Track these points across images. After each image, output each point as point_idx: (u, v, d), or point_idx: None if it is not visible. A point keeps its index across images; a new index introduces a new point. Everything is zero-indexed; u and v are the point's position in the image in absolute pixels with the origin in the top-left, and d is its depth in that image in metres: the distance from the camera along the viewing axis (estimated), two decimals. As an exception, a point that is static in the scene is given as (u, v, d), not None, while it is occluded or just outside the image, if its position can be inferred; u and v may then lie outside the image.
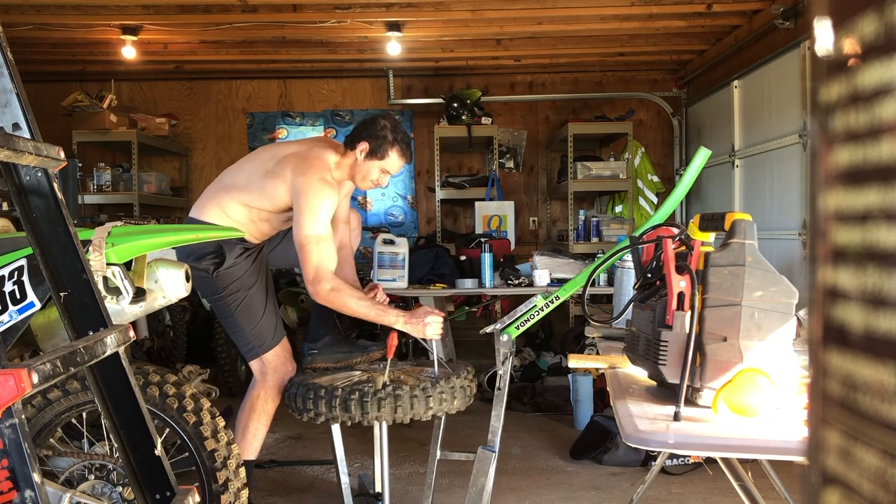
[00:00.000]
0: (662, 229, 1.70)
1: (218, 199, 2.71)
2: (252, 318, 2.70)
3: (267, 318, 2.73)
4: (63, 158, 1.47)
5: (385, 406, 2.26)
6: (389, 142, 2.68)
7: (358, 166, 2.71)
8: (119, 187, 6.16)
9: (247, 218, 2.68)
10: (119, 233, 1.89)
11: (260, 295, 2.72)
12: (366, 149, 2.68)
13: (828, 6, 0.34)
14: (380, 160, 2.69)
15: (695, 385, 1.35)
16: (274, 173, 2.62)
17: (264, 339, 2.71)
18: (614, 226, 6.02)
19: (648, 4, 4.79)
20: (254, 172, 2.67)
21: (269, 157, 2.71)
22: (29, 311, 1.73)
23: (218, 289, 2.67)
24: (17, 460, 1.15)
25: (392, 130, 2.70)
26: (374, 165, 2.70)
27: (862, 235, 0.33)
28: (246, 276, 2.68)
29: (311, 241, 2.49)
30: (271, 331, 2.73)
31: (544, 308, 2.28)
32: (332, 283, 2.49)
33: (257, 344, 2.70)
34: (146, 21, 5.05)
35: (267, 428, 2.74)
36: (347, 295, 2.50)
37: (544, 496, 3.17)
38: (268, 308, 2.74)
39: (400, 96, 6.67)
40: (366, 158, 2.69)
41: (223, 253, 2.63)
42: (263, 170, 2.65)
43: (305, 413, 2.36)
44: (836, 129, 0.34)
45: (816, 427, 0.36)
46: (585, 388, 4.14)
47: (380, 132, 2.68)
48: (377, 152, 2.68)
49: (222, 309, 2.71)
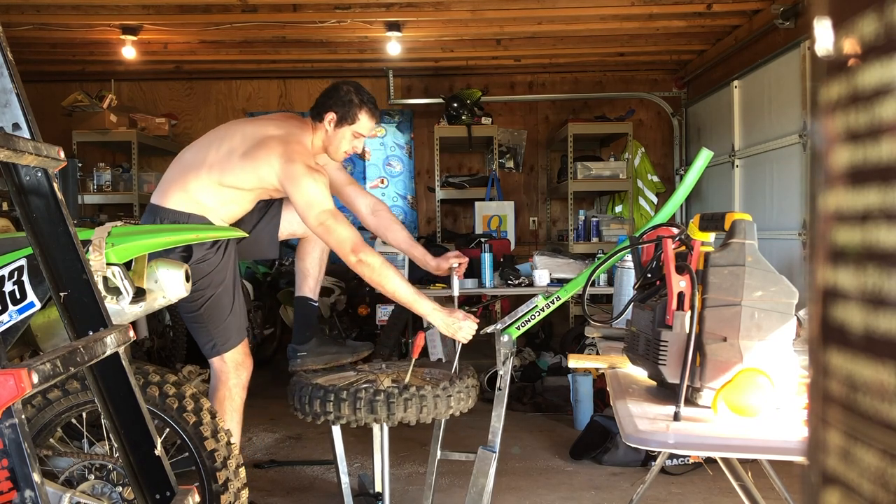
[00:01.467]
0: (662, 229, 1.70)
1: (183, 180, 2.58)
2: (219, 316, 2.61)
3: (233, 316, 2.64)
4: (63, 158, 1.47)
5: (411, 407, 2.26)
6: (356, 104, 2.64)
7: (329, 137, 2.68)
8: (119, 187, 6.16)
9: (216, 199, 2.58)
10: (119, 233, 1.89)
11: (228, 293, 2.63)
12: (333, 118, 2.65)
13: (828, 6, 0.34)
14: (350, 125, 2.66)
15: (695, 385, 1.35)
16: (254, 156, 2.54)
17: (229, 337, 2.63)
18: (614, 226, 6.02)
19: (648, 4, 4.79)
20: (232, 152, 2.57)
21: (244, 136, 2.61)
22: (29, 311, 1.73)
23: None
24: (17, 460, 1.15)
25: (356, 93, 2.66)
26: (345, 132, 2.67)
27: (862, 235, 0.33)
28: (215, 273, 2.59)
29: (326, 216, 2.44)
30: (236, 329, 2.65)
31: (545, 309, 2.28)
32: (374, 253, 2.44)
33: (221, 342, 2.62)
34: (146, 21, 5.05)
35: (240, 424, 2.68)
36: (392, 271, 2.45)
37: (544, 496, 3.17)
38: (235, 306, 2.65)
39: (400, 96, 6.67)
40: (336, 127, 2.66)
41: (190, 246, 2.52)
42: (241, 151, 2.56)
43: (324, 416, 2.30)
44: (836, 129, 0.34)
45: (816, 427, 0.36)
46: (585, 388, 4.14)
47: (344, 97, 2.64)
48: (347, 118, 2.64)
49: (186, 305, 2.58)
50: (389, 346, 4.92)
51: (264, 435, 4.10)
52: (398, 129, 6.97)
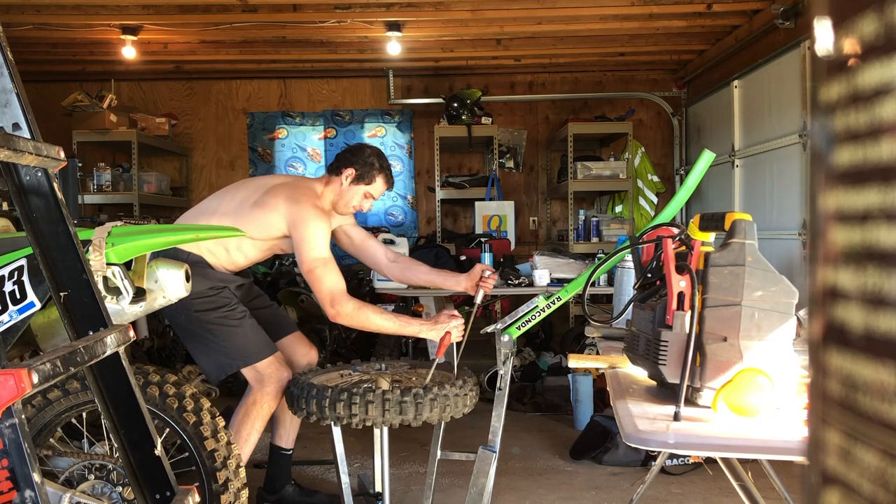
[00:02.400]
0: (662, 229, 1.70)
1: (195, 222, 2.72)
2: (234, 337, 2.66)
3: (251, 333, 2.68)
4: (63, 158, 1.47)
5: (436, 407, 2.27)
6: (377, 168, 2.82)
7: (342, 192, 2.82)
8: (119, 187, 6.16)
9: (220, 245, 2.70)
10: (119, 233, 1.88)
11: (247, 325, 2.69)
12: (352, 174, 2.80)
13: (828, 6, 0.34)
14: (366, 185, 2.82)
15: (695, 385, 1.35)
16: (263, 203, 2.67)
17: (251, 352, 2.66)
18: (614, 226, 6.02)
19: (648, 4, 4.79)
20: (243, 202, 2.71)
21: (255, 188, 2.76)
22: (29, 311, 1.73)
23: (193, 307, 2.60)
24: (17, 460, 1.15)
25: (378, 158, 2.85)
26: (358, 190, 2.82)
27: (862, 235, 0.33)
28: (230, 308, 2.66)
29: (317, 264, 2.55)
30: (261, 345, 2.69)
31: (546, 309, 2.28)
32: (351, 301, 2.55)
33: (239, 357, 2.66)
34: (146, 21, 5.05)
35: (260, 433, 2.73)
36: (370, 311, 2.56)
37: (544, 496, 3.17)
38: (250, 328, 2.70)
39: (400, 96, 6.67)
40: (351, 183, 2.81)
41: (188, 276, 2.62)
42: (252, 200, 2.70)
43: (349, 419, 2.25)
44: (836, 129, 0.34)
45: (816, 427, 0.36)
46: (585, 388, 4.14)
47: (367, 159, 2.82)
48: (364, 177, 2.81)
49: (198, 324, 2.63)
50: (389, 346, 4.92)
51: (264, 435, 4.09)
52: (398, 129, 6.97)
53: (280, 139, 7.00)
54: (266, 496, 2.92)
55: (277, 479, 2.92)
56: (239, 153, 7.02)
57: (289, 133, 7.00)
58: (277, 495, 2.92)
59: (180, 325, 2.72)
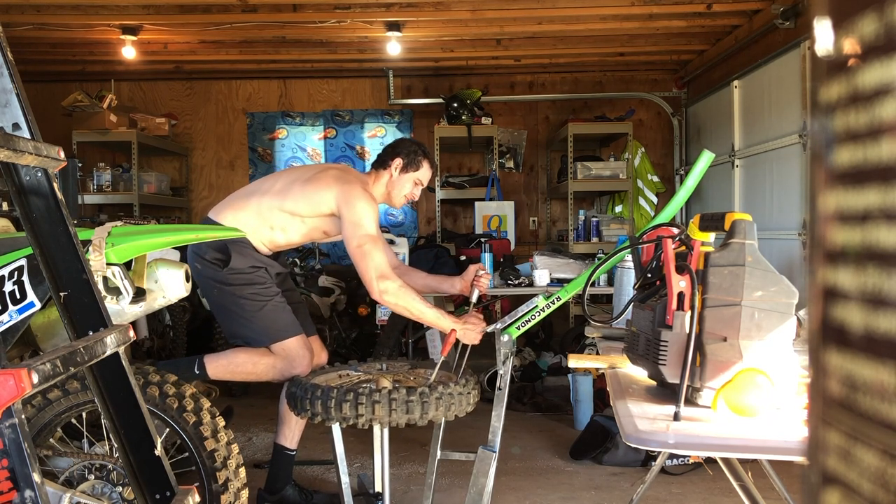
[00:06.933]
0: (662, 229, 1.70)
1: (243, 202, 2.82)
2: (262, 314, 2.75)
3: (281, 312, 2.78)
4: (63, 158, 1.47)
5: (441, 405, 2.28)
6: (421, 154, 2.94)
7: (393, 182, 2.91)
8: (119, 187, 6.16)
9: (268, 222, 2.78)
10: (119, 233, 1.89)
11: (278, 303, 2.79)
12: (400, 164, 2.90)
13: (828, 6, 0.34)
14: (414, 171, 2.92)
15: (695, 385, 1.35)
16: (315, 180, 2.78)
17: (277, 328, 2.74)
18: (614, 226, 6.02)
19: (648, 4, 4.79)
20: (294, 181, 2.82)
21: (307, 170, 2.90)
22: (29, 311, 1.73)
23: (227, 281, 2.73)
24: (17, 460, 1.15)
25: (419, 145, 2.98)
26: (408, 178, 2.92)
27: (862, 235, 0.33)
28: (265, 286, 2.76)
29: (367, 240, 2.60)
30: (288, 323, 2.77)
31: (546, 309, 2.28)
32: (397, 280, 2.58)
33: (264, 333, 2.74)
34: (146, 21, 5.05)
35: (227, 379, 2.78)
36: (414, 294, 2.58)
37: (544, 496, 3.17)
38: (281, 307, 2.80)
39: (400, 96, 6.67)
40: (401, 173, 2.91)
41: (228, 253, 2.72)
42: (303, 178, 2.82)
43: (356, 419, 2.24)
44: (836, 129, 0.34)
45: (816, 427, 0.36)
46: (585, 388, 4.14)
47: (410, 147, 2.94)
48: (412, 164, 2.91)
49: (230, 297, 2.74)
50: (389, 346, 4.92)
51: (264, 435, 4.10)
52: (398, 129, 6.97)
53: (280, 139, 6.99)
54: (266, 496, 2.92)
55: (279, 480, 2.92)
56: (239, 153, 7.02)
57: (289, 133, 7.00)
58: (278, 496, 2.91)
59: (212, 299, 2.84)
